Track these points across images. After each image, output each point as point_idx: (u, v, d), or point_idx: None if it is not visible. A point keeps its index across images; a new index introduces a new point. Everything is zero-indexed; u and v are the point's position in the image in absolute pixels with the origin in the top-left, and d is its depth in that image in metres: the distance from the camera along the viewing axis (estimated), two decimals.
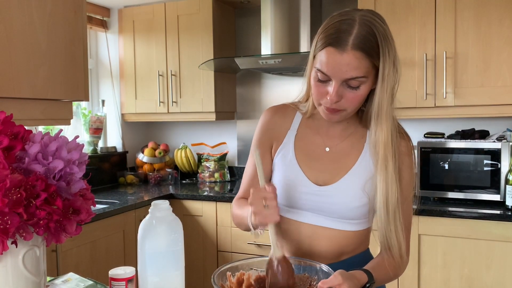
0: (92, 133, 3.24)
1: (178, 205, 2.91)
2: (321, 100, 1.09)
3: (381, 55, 1.02)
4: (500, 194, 2.34)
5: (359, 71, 1.02)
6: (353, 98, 1.06)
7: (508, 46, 2.36)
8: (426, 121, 2.87)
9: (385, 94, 1.06)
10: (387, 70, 1.04)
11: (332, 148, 1.19)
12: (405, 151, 1.16)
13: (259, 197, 1.02)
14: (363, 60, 1.01)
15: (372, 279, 1.03)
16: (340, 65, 1.01)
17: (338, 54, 1.01)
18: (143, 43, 3.27)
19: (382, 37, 1.02)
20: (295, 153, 1.20)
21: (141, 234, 0.97)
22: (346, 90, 1.05)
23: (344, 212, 1.14)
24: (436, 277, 2.34)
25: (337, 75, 1.03)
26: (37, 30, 1.34)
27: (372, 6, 2.59)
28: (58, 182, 0.86)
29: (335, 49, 1.01)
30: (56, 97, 1.43)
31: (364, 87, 1.05)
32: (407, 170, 1.15)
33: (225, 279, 1.04)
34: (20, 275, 0.86)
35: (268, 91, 3.31)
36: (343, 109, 1.08)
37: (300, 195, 1.17)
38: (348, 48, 1.00)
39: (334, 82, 1.03)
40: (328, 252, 1.18)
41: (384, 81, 1.05)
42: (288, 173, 1.19)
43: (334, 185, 1.15)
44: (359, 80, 1.03)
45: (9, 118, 0.85)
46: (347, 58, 1.01)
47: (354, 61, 1.01)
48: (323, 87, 1.07)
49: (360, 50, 1.00)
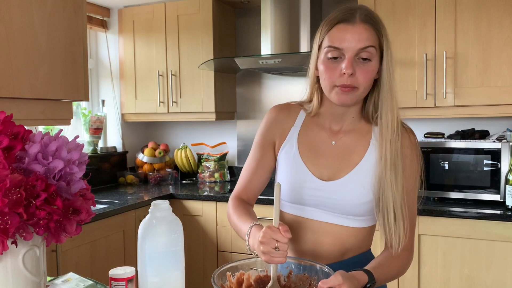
0: (92, 133, 3.24)
1: (178, 205, 2.91)
2: (334, 80, 1.10)
3: (384, 37, 1.10)
4: (500, 194, 2.34)
5: (370, 40, 1.08)
6: (366, 73, 1.09)
7: (508, 46, 2.36)
8: (426, 121, 2.87)
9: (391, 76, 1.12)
10: (389, 54, 1.11)
11: (338, 142, 1.19)
12: (408, 144, 1.17)
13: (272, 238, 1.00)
14: (372, 31, 1.09)
15: (373, 279, 1.02)
16: (353, 35, 1.08)
17: (350, 26, 1.08)
18: (143, 43, 3.27)
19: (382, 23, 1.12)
20: (298, 149, 1.20)
21: (141, 234, 0.97)
22: (358, 65, 1.09)
23: (349, 208, 1.14)
24: (436, 277, 2.34)
25: (351, 46, 1.08)
26: (37, 30, 1.34)
27: (372, 6, 2.59)
28: (58, 182, 0.86)
29: (345, 24, 1.09)
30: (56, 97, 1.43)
31: (374, 61, 1.10)
32: (408, 163, 1.16)
33: (225, 279, 1.04)
34: (20, 275, 0.86)
35: (268, 91, 3.31)
36: (356, 86, 1.09)
37: (305, 191, 1.16)
38: (357, 20, 1.08)
39: (348, 55, 1.08)
40: (331, 249, 1.17)
41: (388, 64, 1.12)
42: (292, 169, 1.19)
43: (339, 180, 1.15)
44: (370, 52, 1.08)
45: (9, 118, 0.85)
46: (357, 29, 1.08)
47: (364, 32, 1.08)
48: (335, 65, 1.10)
49: (368, 23, 1.09)
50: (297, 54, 2.72)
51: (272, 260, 1.00)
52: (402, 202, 1.11)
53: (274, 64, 2.70)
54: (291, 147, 1.21)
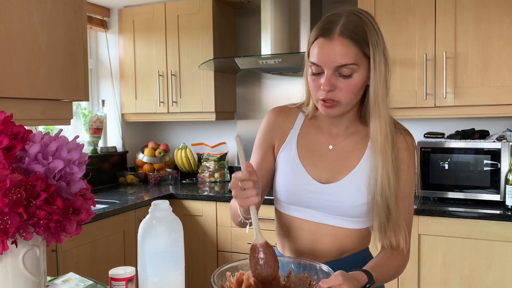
0: (92, 133, 3.24)
1: (178, 205, 2.91)
2: (317, 93, 1.11)
3: (370, 43, 1.06)
4: (500, 194, 2.34)
5: (348, 58, 1.05)
6: (347, 88, 1.07)
7: (508, 46, 2.36)
8: (426, 121, 2.87)
9: (379, 83, 1.08)
10: (377, 58, 1.07)
11: (335, 146, 1.20)
12: (404, 146, 1.17)
13: (236, 179, 1.02)
14: (352, 47, 1.05)
15: (372, 279, 1.03)
16: (330, 53, 1.05)
17: (327, 43, 1.06)
18: (143, 43, 3.27)
19: (369, 27, 1.07)
20: (297, 151, 1.21)
21: (141, 234, 0.97)
22: (339, 80, 1.07)
23: (347, 210, 1.15)
24: (436, 277, 2.34)
25: (328, 64, 1.06)
26: (37, 30, 1.34)
27: (372, 6, 2.59)
28: (58, 182, 0.86)
29: (324, 39, 1.06)
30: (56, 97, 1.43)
31: (356, 76, 1.07)
32: (405, 167, 1.16)
33: (225, 279, 1.04)
34: (20, 275, 0.86)
35: (268, 91, 3.31)
36: (338, 100, 1.09)
37: (303, 193, 1.17)
38: (336, 36, 1.05)
39: (326, 71, 1.07)
40: (329, 250, 1.18)
41: (376, 70, 1.07)
42: (291, 171, 1.20)
43: (338, 183, 1.16)
44: (350, 68, 1.06)
45: (9, 118, 0.85)
46: (335, 46, 1.05)
47: (342, 48, 1.04)
48: (318, 80, 1.10)
49: (348, 37, 1.05)
50: (297, 54, 2.72)
51: (244, 202, 1.01)
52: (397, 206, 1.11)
53: (274, 64, 2.70)
54: (290, 149, 1.22)
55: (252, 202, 1.01)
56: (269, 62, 2.70)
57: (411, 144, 1.19)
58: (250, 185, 1.01)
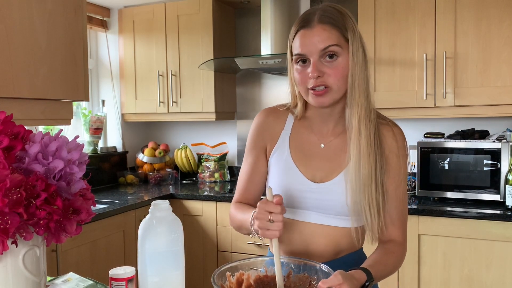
0: (92, 133, 3.24)
1: (178, 205, 2.91)
2: (306, 84, 1.12)
3: (349, 29, 1.10)
4: (500, 194, 2.34)
5: (330, 40, 1.08)
6: (335, 72, 1.09)
7: (508, 46, 2.36)
8: (426, 121, 2.87)
9: (356, 67, 1.10)
10: (355, 44, 1.10)
11: (327, 144, 1.20)
12: (391, 135, 1.17)
13: (266, 211, 1.02)
14: (332, 30, 1.09)
15: (371, 277, 1.03)
16: (312, 39, 1.09)
17: (308, 31, 1.10)
18: (143, 43, 3.27)
19: (346, 15, 1.11)
20: (290, 152, 1.21)
21: (141, 234, 0.97)
22: (325, 66, 1.09)
23: (341, 208, 1.15)
24: (436, 277, 2.34)
25: (312, 50, 1.09)
26: (37, 30, 1.34)
27: (372, 6, 2.59)
28: (58, 182, 0.86)
29: (304, 30, 1.10)
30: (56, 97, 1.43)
31: (341, 59, 1.10)
32: (393, 155, 1.16)
33: (225, 279, 1.04)
34: (20, 275, 0.86)
35: (268, 91, 3.31)
36: (328, 85, 1.10)
37: (298, 193, 1.17)
38: (315, 23, 1.09)
39: (312, 59, 1.09)
40: (325, 250, 1.18)
41: (355, 56, 1.10)
42: (285, 172, 1.20)
43: (332, 181, 1.16)
44: (333, 50, 1.08)
45: (9, 118, 0.85)
46: (316, 32, 1.09)
47: (323, 33, 1.08)
48: (304, 70, 1.11)
49: (327, 23, 1.09)
50: None
51: (268, 233, 1.01)
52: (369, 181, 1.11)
53: (274, 64, 2.71)
54: (282, 151, 1.22)
55: (278, 235, 1.02)
56: (269, 62, 2.70)
57: (398, 132, 1.19)
58: (279, 219, 1.01)
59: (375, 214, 1.12)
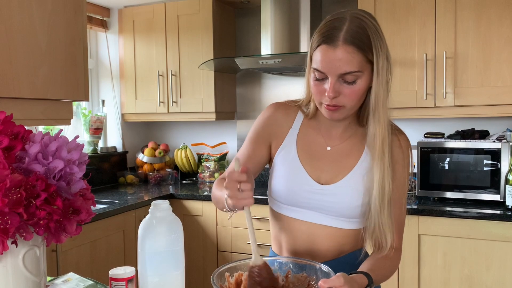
0: (92, 133, 3.24)
1: (178, 205, 2.91)
2: (321, 98, 1.10)
3: (374, 48, 1.05)
4: (500, 194, 2.34)
5: (352, 65, 1.04)
6: (351, 93, 1.07)
7: (508, 46, 2.36)
8: (426, 121, 2.87)
9: (380, 88, 1.08)
10: (381, 63, 1.06)
11: (333, 147, 1.20)
12: (398, 145, 1.18)
13: (234, 180, 1.01)
14: (356, 54, 1.04)
15: (371, 281, 1.03)
16: (334, 60, 1.04)
17: (331, 50, 1.04)
18: (143, 43, 3.27)
19: (373, 31, 1.05)
20: (297, 152, 1.20)
21: (141, 234, 0.97)
22: (343, 86, 1.07)
23: (345, 211, 1.15)
24: (436, 277, 2.34)
25: (332, 71, 1.05)
26: (37, 30, 1.34)
27: (372, 6, 2.59)
28: (58, 182, 0.86)
29: (327, 46, 1.05)
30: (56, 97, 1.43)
31: (360, 82, 1.07)
32: (400, 166, 1.17)
33: (224, 280, 1.04)
34: (20, 275, 0.86)
35: (268, 91, 3.31)
36: (342, 105, 1.08)
37: (303, 194, 1.17)
38: (340, 43, 1.03)
39: (330, 79, 1.06)
40: (328, 250, 1.19)
41: (379, 75, 1.07)
42: (291, 171, 1.19)
43: (337, 184, 1.16)
44: (354, 75, 1.05)
45: (9, 118, 0.85)
46: (339, 54, 1.03)
47: (346, 56, 1.03)
48: (321, 85, 1.09)
49: (352, 44, 1.03)
50: (297, 54, 2.72)
51: (240, 202, 1.00)
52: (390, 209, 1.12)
53: (274, 64, 2.70)
54: (289, 150, 1.21)
55: (249, 203, 1.01)
56: (269, 62, 2.70)
57: (405, 144, 1.19)
58: (248, 187, 1.00)
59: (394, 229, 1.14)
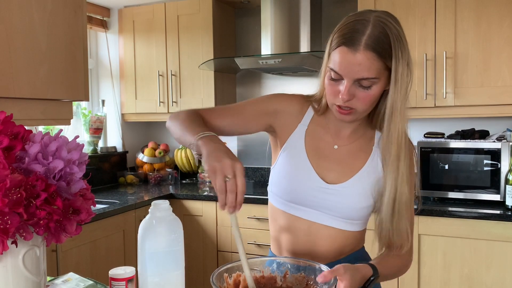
0: (92, 133, 3.24)
1: (178, 205, 2.91)
2: (334, 99, 1.09)
3: (394, 56, 1.03)
4: (500, 194, 2.34)
5: (370, 72, 1.02)
6: (365, 98, 1.06)
7: (508, 46, 2.36)
8: (426, 121, 2.87)
9: (398, 95, 1.06)
10: (400, 71, 1.04)
11: (341, 147, 1.19)
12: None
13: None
14: (375, 61, 1.02)
15: (376, 272, 1.02)
16: (352, 65, 1.02)
17: (351, 53, 1.02)
18: (143, 43, 3.27)
19: (395, 37, 1.03)
20: (305, 148, 1.19)
21: (141, 234, 0.97)
22: (358, 90, 1.05)
23: (349, 212, 1.15)
24: (436, 277, 2.34)
25: (349, 75, 1.03)
26: (37, 30, 1.34)
27: (372, 6, 2.59)
28: (58, 182, 0.86)
29: (348, 49, 1.02)
30: (56, 97, 1.43)
31: (376, 87, 1.05)
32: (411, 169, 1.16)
33: (223, 281, 1.03)
34: (20, 275, 0.86)
35: (268, 91, 3.31)
36: (354, 108, 1.07)
37: (308, 191, 1.16)
38: (361, 48, 1.01)
39: (346, 81, 1.04)
40: (327, 251, 1.18)
41: (398, 82, 1.05)
42: (297, 167, 1.18)
43: (343, 184, 1.15)
44: (371, 81, 1.03)
45: (9, 118, 0.85)
46: (359, 58, 1.01)
47: (366, 62, 1.01)
48: (336, 86, 1.07)
49: (372, 50, 1.01)
50: (297, 54, 2.72)
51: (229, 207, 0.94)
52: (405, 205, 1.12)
53: (274, 64, 2.70)
54: (297, 145, 1.19)
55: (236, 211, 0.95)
56: (269, 62, 2.70)
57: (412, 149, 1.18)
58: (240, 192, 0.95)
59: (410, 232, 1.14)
